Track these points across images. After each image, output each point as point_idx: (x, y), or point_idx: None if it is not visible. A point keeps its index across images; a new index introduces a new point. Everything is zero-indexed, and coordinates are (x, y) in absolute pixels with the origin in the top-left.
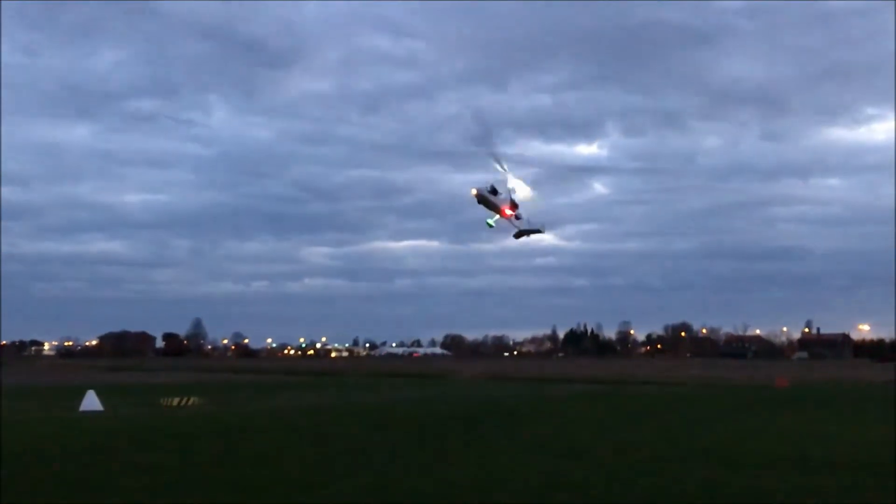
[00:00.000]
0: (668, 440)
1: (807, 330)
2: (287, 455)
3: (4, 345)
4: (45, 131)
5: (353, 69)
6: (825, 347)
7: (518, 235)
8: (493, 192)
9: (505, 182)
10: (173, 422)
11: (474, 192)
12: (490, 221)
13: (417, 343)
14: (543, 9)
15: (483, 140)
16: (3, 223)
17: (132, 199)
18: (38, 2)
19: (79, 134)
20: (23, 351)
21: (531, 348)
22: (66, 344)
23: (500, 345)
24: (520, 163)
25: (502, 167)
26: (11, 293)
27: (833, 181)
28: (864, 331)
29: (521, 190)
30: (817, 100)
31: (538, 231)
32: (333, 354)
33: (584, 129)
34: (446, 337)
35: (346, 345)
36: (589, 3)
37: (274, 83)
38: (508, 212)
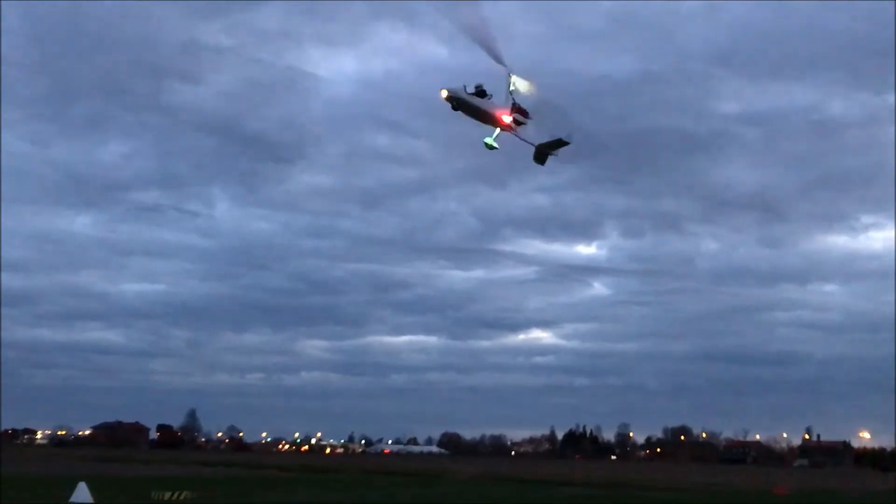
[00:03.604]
0: None
1: (807, 436)
2: None
3: None
4: (48, 220)
5: (354, 165)
6: (825, 455)
7: (540, 157)
8: (481, 93)
9: (507, 83)
10: None
11: (444, 93)
12: (489, 141)
13: (414, 441)
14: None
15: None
16: (2, 310)
17: (131, 288)
18: (50, 95)
19: (81, 223)
20: (16, 439)
21: (529, 448)
22: (59, 433)
23: (497, 444)
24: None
25: (501, 62)
26: (6, 380)
27: (831, 287)
28: (864, 438)
29: (520, 85)
30: (814, 207)
31: (562, 143)
32: (328, 451)
33: (583, 229)
34: (443, 435)
35: (342, 441)
36: (587, 107)
37: (277, 177)
38: (506, 118)
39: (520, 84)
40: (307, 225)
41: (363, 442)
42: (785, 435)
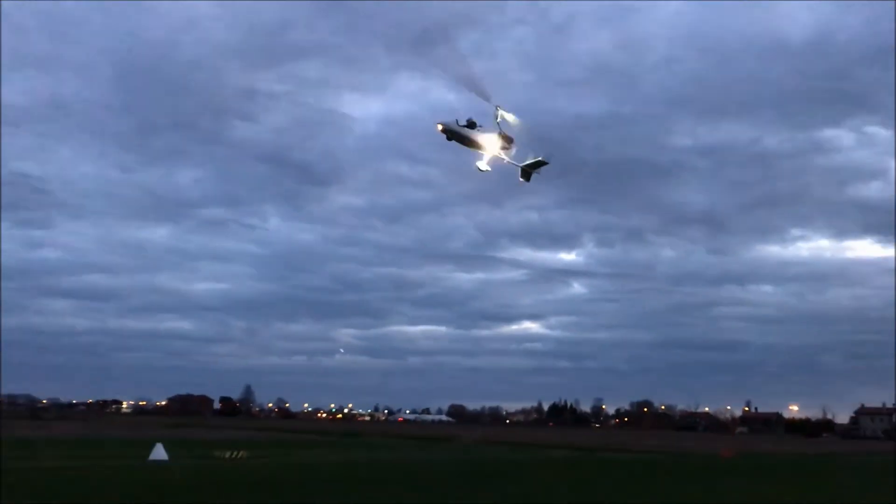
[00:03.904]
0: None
1: (746, 409)
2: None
3: (91, 403)
4: (133, 232)
5: (380, 188)
6: (762, 424)
7: (525, 175)
8: (471, 125)
9: (493, 116)
10: (226, 470)
11: (440, 126)
12: (481, 165)
13: (427, 411)
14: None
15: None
16: (95, 305)
17: (200, 286)
18: (135, 131)
19: (160, 234)
20: (105, 408)
21: (521, 418)
22: (140, 403)
23: (495, 414)
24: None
25: (488, 99)
26: (98, 360)
27: (767, 288)
28: (794, 410)
29: (507, 117)
30: (753, 222)
31: (542, 163)
32: (358, 418)
33: (565, 240)
34: (451, 406)
35: (369, 410)
36: (569, 141)
37: (317, 197)
38: (496, 147)
39: (506, 116)
40: (342, 236)
41: (386, 411)
42: (729, 407)
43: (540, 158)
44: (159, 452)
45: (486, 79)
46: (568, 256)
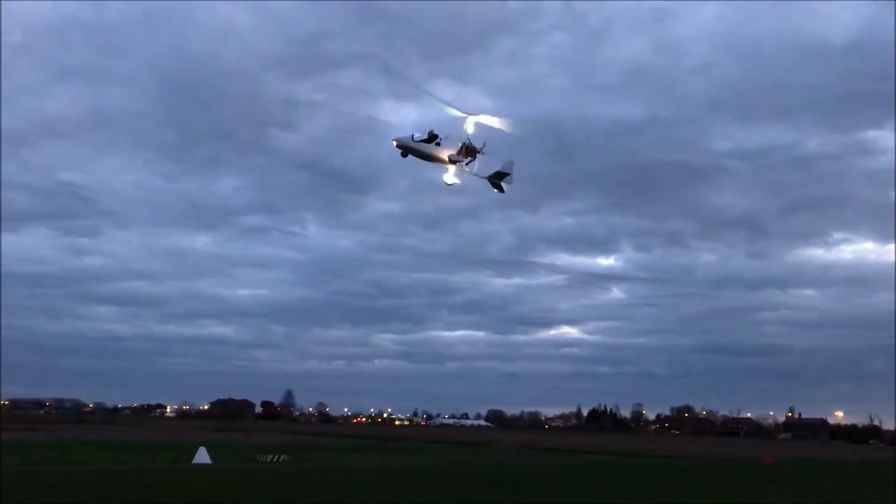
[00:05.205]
0: None
1: (790, 414)
2: None
3: (136, 407)
4: (175, 239)
5: (417, 195)
6: (806, 430)
7: (495, 186)
8: (432, 137)
9: (462, 127)
10: (266, 475)
11: (395, 143)
12: (447, 178)
13: (465, 415)
14: (569, 149)
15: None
16: (138, 311)
17: (241, 293)
18: (177, 141)
19: (202, 241)
20: (149, 412)
21: (559, 423)
22: (183, 407)
23: (533, 419)
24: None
25: (459, 112)
26: (141, 366)
27: (809, 292)
28: (839, 416)
29: (488, 121)
30: (794, 226)
31: (504, 174)
32: (397, 422)
33: (602, 245)
34: (489, 411)
35: (408, 415)
36: (605, 146)
37: (356, 204)
38: (449, 157)
39: (487, 122)
40: (380, 242)
41: (425, 416)
42: (771, 413)
43: (500, 170)
44: (202, 456)
45: (520, 85)
46: (606, 261)
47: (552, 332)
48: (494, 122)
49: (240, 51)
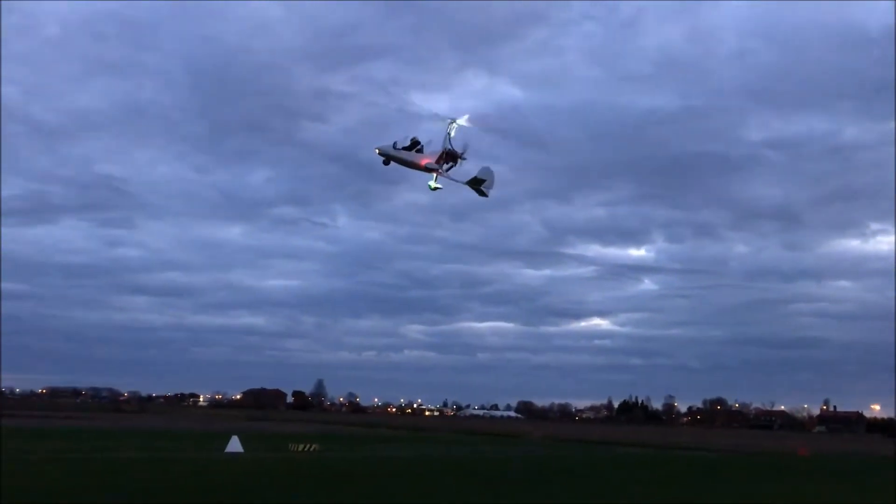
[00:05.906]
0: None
1: (825, 407)
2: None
3: (169, 396)
4: (208, 230)
5: (446, 186)
6: (841, 423)
7: (479, 192)
8: (414, 144)
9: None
10: (298, 463)
11: (376, 151)
12: (431, 184)
13: (495, 406)
14: (601, 139)
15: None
16: (172, 301)
17: (272, 283)
18: (209, 133)
19: (234, 232)
20: (183, 401)
21: (590, 415)
22: (216, 397)
23: (564, 411)
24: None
25: (444, 117)
26: (175, 356)
27: (844, 283)
28: (875, 410)
29: (461, 121)
30: (829, 216)
31: (481, 181)
32: (427, 413)
33: (634, 236)
34: (519, 402)
35: (437, 405)
36: (639, 135)
37: (385, 196)
38: (427, 162)
39: (454, 128)
40: (409, 234)
41: (454, 407)
42: (806, 406)
43: (476, 176)
44: (235, 445)
45: (551, 75)
46: (637, 252)
47: (583, 324)
48: (463, 121)
49: (271, 43)
